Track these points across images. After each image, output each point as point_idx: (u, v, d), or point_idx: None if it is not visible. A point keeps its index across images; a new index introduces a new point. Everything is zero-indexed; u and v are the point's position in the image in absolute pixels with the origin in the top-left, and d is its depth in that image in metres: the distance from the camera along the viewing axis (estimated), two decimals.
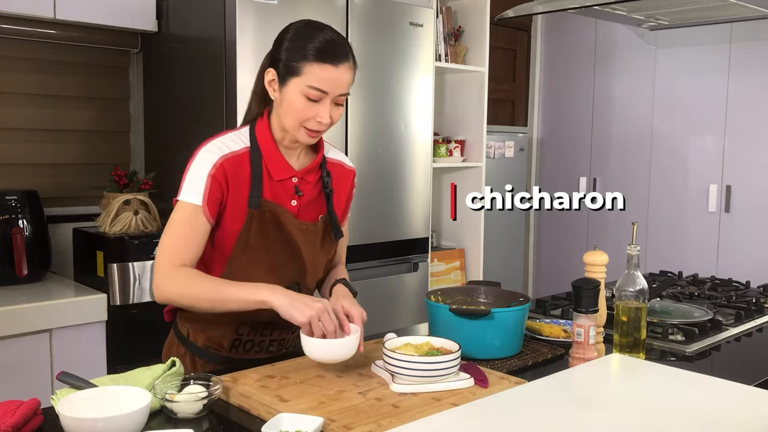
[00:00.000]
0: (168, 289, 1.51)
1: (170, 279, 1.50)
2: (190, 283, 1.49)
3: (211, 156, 1.53)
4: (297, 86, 1.49)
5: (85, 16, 2.61)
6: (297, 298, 1.45)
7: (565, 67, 4.63)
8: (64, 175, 2.85)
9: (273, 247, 1.58)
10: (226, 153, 1.54)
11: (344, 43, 1.54)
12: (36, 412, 1.23)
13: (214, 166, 1.52)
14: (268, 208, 1.56)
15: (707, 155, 3.96)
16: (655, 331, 1.92)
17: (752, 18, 3.18)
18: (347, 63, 1.51)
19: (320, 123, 1.52)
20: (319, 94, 1.49)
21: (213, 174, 1.51)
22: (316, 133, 1.55)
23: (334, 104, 1.53)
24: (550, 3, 2.96)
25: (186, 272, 1.50)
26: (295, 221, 1.60)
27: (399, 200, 3.06)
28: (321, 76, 1.48)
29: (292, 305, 1.44)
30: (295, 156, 1.62)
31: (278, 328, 1.67)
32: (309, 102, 1.50)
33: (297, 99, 1.50)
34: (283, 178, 1.59)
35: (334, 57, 1.49)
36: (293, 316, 1.43)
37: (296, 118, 1.52)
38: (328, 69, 1.48)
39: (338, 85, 1.50)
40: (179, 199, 1.53)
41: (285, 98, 1.51)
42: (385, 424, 1.22)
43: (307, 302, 1.45)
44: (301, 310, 1.43)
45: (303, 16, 2.62)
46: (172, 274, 1.49)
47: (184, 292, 1.50)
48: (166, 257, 1.51)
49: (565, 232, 4.68)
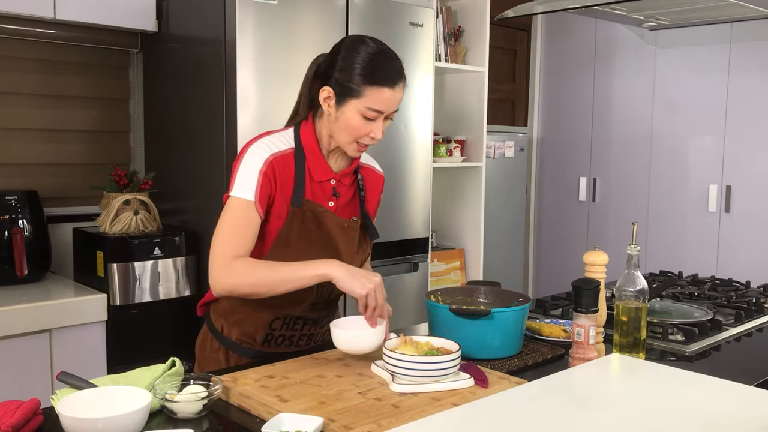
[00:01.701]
0: (227, 280, 1.54)
1: (228, 270, 1.54)
2: (248, 270, 1.54)
3: (261, 153, 1.59)
4: (355, 107, 1.56)
5: (85, 16, 2.61)
6: (356, 272, 1.52)
7: (565, 67, 4.63)
8: (64, 175, 2.86)
9: (311, 246, 1.63)
10: (275, 152, 1.60)
11: (398, 62, 1.60)
12: (36, 412, 1.23)
13: (265, 163, 1.58)
14: (309, 208, 1.62)
15: (707, 155, 3.96)
16: (655, 331, 1.92)
17: (752, 18, 3.19)
18: (401, 82, 1.59)
19: (374, 139, 1.60)
20: (376, 114, 1.56)
21: (264, 171, 1.57)
22: (366, 147, 1.63)
23: (385, 119, 1.60)
24: (550, 3, 2.96)
25: (242, 261, 1.55)
26: (337, 219, 1.65)
27: (399, 200, 3.06)
28: (379, 99, 1.55)
29: (352, 277, 1.50)
30: (333, 159, 1.69)
31: (308, 323, 1.73)
32: (365, 120, 1.57)
33: (354, 118, 1.56)
34: (323, 179, 1.65)
35: (391, 79, 1.56)
36: (353, 287, 1.50)
37: (351, 135, 1.59)
38: (385, 91, 1.55)
39: (393, 104, 1.59)
40: (232, 195, 1.58)
41: (342, 116, 1.58)
42: (385, 424, 1.22)
43: (366, 275, 1.52)
44: (362, 282, 1.50)
45: (303, 16, 2.64)
46: (230, 265, 1.54)
47: (244, 281, 1.54)
48: (222, 251, 1.55)
49: (565, 232, 4.68)
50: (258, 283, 1.54)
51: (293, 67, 2.56)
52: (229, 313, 1.71)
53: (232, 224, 1.57)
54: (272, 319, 1.69)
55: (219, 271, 1.55)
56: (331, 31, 2.71)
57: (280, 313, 1.68)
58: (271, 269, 1.54)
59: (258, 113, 2.50)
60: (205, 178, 2.63)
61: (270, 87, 2.53)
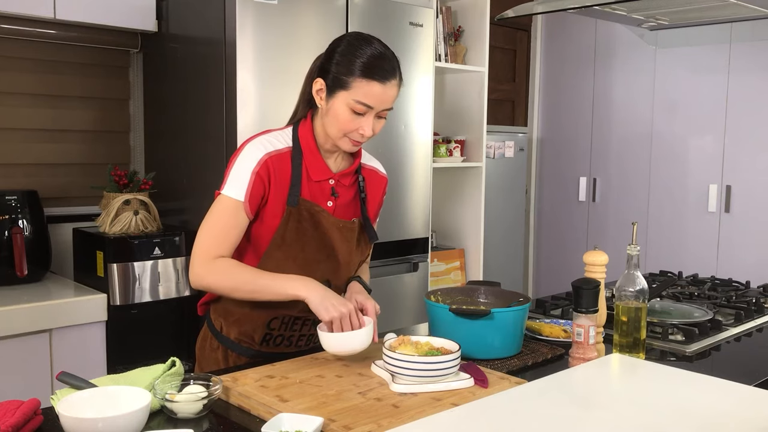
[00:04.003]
0: (206, 277, 1.57)
1: (209, 268, 1.56)
2: (228, 273, 1.56)
3: (256, 153, 1.59)
4: (344, 99, 1.55)
5: (85, 16, 2.62)
6: (328, 297, 1.52)
7: (565, 67, 4.63)
8: (64, 175, 2.85)
9: (308, 245, 1.63)
10: (271, 151, 1.60)
11: (393, 60, 1.59)
12: (36, 412, 1.23)
13: (258, 162, 1.57)
14: (306, 207, 1.61)
15: (707, 155, 3.96)
16: (655, 331, 1.92)
17: (752, 18, 3.18)
18: (394, 80, 1.58)
19: (363, 135, 1.59)
20: (365, 109, 1.55)
21: (257, 171, 1.57)
22: (358, 143, 1.61)
23: (377, 117, 1.59)
24: (550, 3, 2.95)
25: (224, 262, 1.57)
26: (333, 219, 1.65)
27: (399, 200, 3.06)
28: (368, 92, 1.54)
29: (321, 303, 1.51)
30: (333, 159, 1.69)
31: (307, 323, 1.73)
32: (354, 115, 1.56)
33: (343, 111, 1.56)
34: (321, 179, 1.65)
35: (383, 74, 1.55)
36: (320, 312, 1.51)
37: (340, 129, 1.58)
38: (375, 86, 1.54)
39: (384, 101, 1.57)
40: (222, 193, 1.59)
41: (331, 108, 1.58)
42: (385, 424, 1.22)
43: (335, 303, 1.52)
44: (328, 309, 1.51)
45: (303, 16, 2.64)
46: (211, 263, 1.56)
47: (222, 282, 1.57)
48: (205, 248, 1.57)
49: (565, 232, 4.68)
50: (235, 288, 1.57)
51: (293, 67, 2.56)
52: (228, 313, 1.71)
53: (218, 222, 1.58)
54: (270, 319, 1.68)
55: (200, 267, 1.57)
56: (331, 31, 2.71)
57: (278, 313, 1.68)
58: (250, 277, 1.56)
59: (258, 113, 2.50)
60: (205, 178, 2.63)
61: (270, 87, 2.53)
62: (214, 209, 1.59)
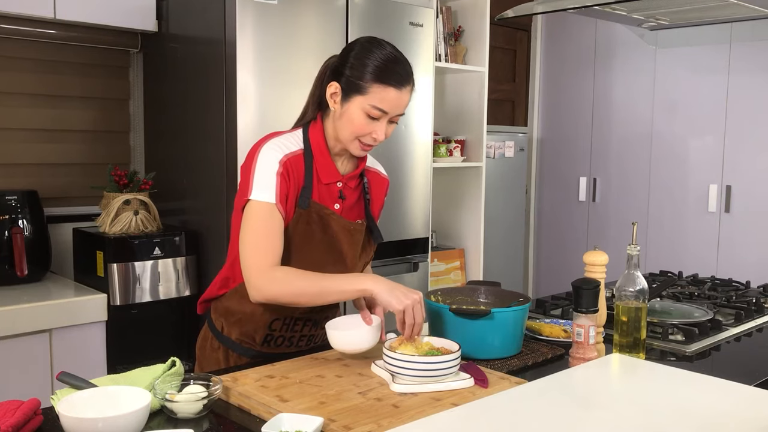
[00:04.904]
0: (266, 289, 1.53)
1: (267, 279, 1.53)
2: (288, 280, 1.54)
3: (275, 154, 1.58)
4: (359, 104, 1.56)
5: (85, 16, 2.62)
6: (396, 288, 1.53)
7: (565, 67, 4.63)
8: (64, 175, 2.86)
9: (316, 248, 1.63)
10: (287, 153, 1.60)
11: (407, 65, 1.60)
12: (36, 412, 1.23)
13: (280, 164, 1.57)
14: (316, 210, 1.61)
15: (707, 155, 3.96)
16: (655, 331, 1.92)
17: (752, 18, 3.18)
18: (409, 86, 1.59)
19: (375, 139, 1.59)
20: (380, 114, 1.56)
21: (281, 172, 1.57)
22: (368, 147, 1.62)
23: (389, 122, 1.60)
24: (550, 3, 2.95)
25: (281, 271, 1.54)
26: (343, 221, 1.65)
27: (399, 200, 3.06)
28: (384, 97, 1.55)
29: (391, 293, 1.51)
30: (340, 162, 1.69)
31: (308, 324, 1.73)
32: (368, 119, 1.57)
33: (358, 115, 1.56)
34: (330, 181, 1.65)
35: (398, 79, 1.56)
36: (391, 302, 1.51)
37: (353, 132, 1.58)
38: (391, 91, 1.55)
39: (398, 106, 1.58)
40: (251, 199, 1.56)
41: (346, 112, 1.58)
42: (385, 424, 1.22)
43: (405, 291, 1.52)
44: (400, 299, 1.50)
45: (303, 16, 2.64)
46: (267, 274, 1.53)
47: (285, 291, 1.54)
48: (256, 260, 1.54)
49: (565, 232, 4.68)
50: (299, 294, 1.54)
51: (293, 67, 2.56)
52: (229, 313, 1.71)
53: (259, 230, 1.55)
54: (272, 320, 1.68)
55: (257, 280, 1.53)
56: (331, 31, 2.71)
57: (280, 314, 1.68)
58: (312, 281, 1.54)
59: (258, 113, 2.50)
60: (205, 177, 2.63)
61: (270, 87, 2.53)
62: (250, 218, 1.56)
